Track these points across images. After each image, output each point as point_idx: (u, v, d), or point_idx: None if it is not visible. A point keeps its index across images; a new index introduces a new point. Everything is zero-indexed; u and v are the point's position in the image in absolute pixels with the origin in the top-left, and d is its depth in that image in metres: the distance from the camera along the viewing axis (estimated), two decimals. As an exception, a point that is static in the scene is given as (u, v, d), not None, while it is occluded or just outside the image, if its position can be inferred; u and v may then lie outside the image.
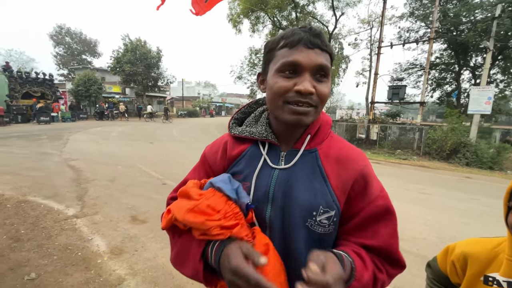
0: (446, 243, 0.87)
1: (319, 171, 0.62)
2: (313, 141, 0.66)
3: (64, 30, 41.19)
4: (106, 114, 22.22)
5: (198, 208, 0.54)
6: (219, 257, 0.53)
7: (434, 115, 42.42)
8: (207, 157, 0.74)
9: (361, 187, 0.62)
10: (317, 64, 0.57)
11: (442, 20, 14.43)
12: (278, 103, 0.59)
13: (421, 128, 10.79)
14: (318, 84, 0.58)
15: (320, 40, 0.58)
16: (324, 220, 0.60)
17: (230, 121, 0.76)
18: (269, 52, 0.63)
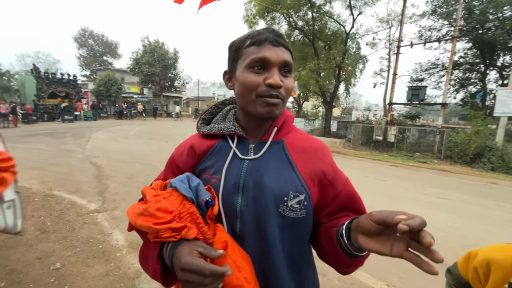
0: (467, 250, 0.84)
1: (287, 159, 0.67)
2: (279, 133, 0.70)
3: (87, 33, 43.08)
4: (125, 114, 23.01)
5: (147, 212, 0.54)
6: (171, 259, 0.54)
7: (456, 117, 40.56)
8: (174, 157, 0.76)
9: (332, 173, 0.69)
10: (283, 60, 0.62)
11: (467, 18, 13.79)
12: (250, 97, 0.63)
13: (443, 130, 10.36)
14: (284, 79, 0.63)
15: (282, 39, 0.64)
16: (295, 204, 0.63)
17: (198, 122, 0.79)
18: (236, 51, 0.66)
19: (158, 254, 0.58)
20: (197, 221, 0.57)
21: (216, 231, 0.60)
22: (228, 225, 0.65)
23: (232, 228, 0.65)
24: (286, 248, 0.64)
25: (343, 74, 15.04)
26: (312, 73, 13.33)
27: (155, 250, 0.58)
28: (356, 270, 0.67)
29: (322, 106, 19.78)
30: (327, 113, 15.47)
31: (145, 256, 0.62)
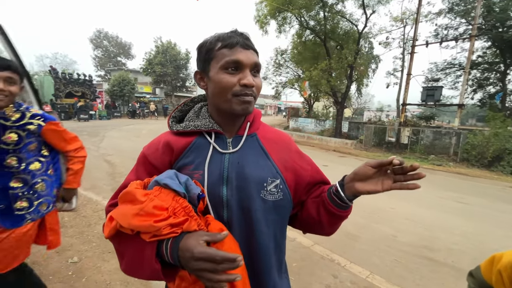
0: (486, 257, 0.82)
1: (262, 150, 0.75)
2: (251, 127, 0.77)
3: (102, 34, 44.28)
4: (138, 113, 23.50)
5: (144, 211, 0.53)
6: (176, 253, 0.54)
7: (474, 118, 39.24)
8: (147, 156, 0.74)
9: (299, 157, 0.81)
10: (254, 62, 0.69)
11: (486, 16, 13.30)
12: (227, 97, 0.68)
13: (459, 132, 10.03)
14: (255, 78, 0.70)
15: (250, 42, 0.70)
16: (273, 188, 0.71)
17: (168, 120, 0.81)
18: (207, 53, 0.70)
19: (156, 253, 0.57)
20: (190, 215, 0.58)
21: (208, 221, 0.63)
22: (215, 215, 0.69)
23: (219, 217, 0.69)
24: (272, 229, 0.72)
25: (355, 74, 14.80)
26: (323, 73, 13.19)
27: (152, 251, 0.56)
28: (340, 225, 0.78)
29: (333, 106, 19.55)
30: (338, 113, 15.27)
31: (138, 261, 0.59)
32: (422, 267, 2.65)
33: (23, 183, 1.33)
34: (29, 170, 1.35)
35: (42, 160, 1.41)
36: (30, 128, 1.33)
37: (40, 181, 1.39)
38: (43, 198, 1.41)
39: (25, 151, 1.33)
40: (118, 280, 2.15)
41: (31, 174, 1.35)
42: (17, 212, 1.32)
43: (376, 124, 12.86)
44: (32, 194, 1.36)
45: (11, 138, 1.27)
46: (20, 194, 1.32)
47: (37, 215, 1.39)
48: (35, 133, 1.35)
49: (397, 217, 3.96)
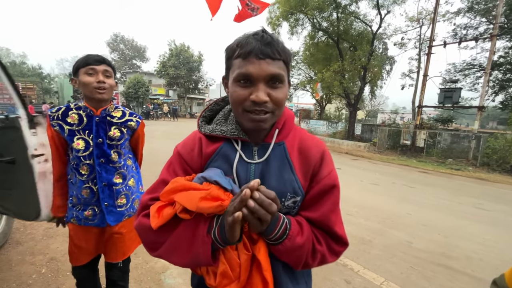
0: (508, 266, 0.78)
1: (287, 162, 0.70)
2: (280, 134, 0.72)
3: (119, 38, 45.73)
4: (152, 114, 24.04)
5: (210, 196, 0.59)
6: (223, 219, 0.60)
7: (495, 121, 37.61)
8: (182, 155, 0.74)
9: (316, 170, 0.71)
10: (268, 74, 0.61)
11: (508, 14, 12.75)
12: (238, 111, 0.65)
13: (479, 135, 9.63)
14: (273, 90, 0.62)
15: (270, 49, 0.61)
16: (290, 204, 0.69)
17: (198, 119, 0.79)
18: (228, 60, 0.68)
19: (207, 230, 0.62)
20: None
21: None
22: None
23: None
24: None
25: (368, 76, 14.53)
26: (336, 75, 13.03)
27: (204, 227, 0.63)
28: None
29: (345, 108, 19.26)
30: (351, 115, 15.02)
31: (184, 241, 0.64)
32: (439, 275, 2.55)
33: (123, 178, 1.39)
34: (126, 165, 1.42)
35: (131, 157, 1.49)
36: (131, 125, 1.39)
37: (131, 177, 1.46)
38: (135, 195, 1.47)
39: (124, 147, 1.40)
40: (131, 278, 2.18)
41: (127, 170, 1.42)
42: (118, 208, 1.38)
43: (391, 127, 12.55)
44: (128, 189, 1.42)
45: (115, 134, 1.34)
46: (121, 190, 1.38)
47: (132, 211, 1.45)
48: (133, 129, 1.41)
49: (413, 222, 3.84)
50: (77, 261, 1.43)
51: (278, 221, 0.62)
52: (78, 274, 1.48)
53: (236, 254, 0.63)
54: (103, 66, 1.26)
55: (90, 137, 1.29)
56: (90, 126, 1.29)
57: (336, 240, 0.71)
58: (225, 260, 0.63)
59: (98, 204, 1.34)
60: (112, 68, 1.32)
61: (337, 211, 0.72)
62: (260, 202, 0.54)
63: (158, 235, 0.66)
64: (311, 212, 0.70)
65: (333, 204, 0.71)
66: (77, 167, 1.31)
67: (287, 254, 0.64)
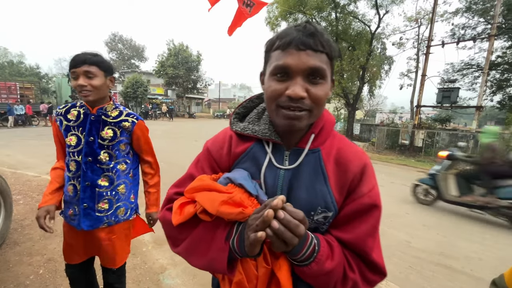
0: (507, 265, 0.78)
1: (321, 172, 0.63)
2: (316, 140, 0.65)
3: (117, 37, 45.63)
4: (150, 114, 23.99)
5: (232, 201, 0.56)
6: (244, 228, 0.56)
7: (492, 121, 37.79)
8: (211, 152, 0.72)
9: (354, 185, 0.62)
10: (308, 67, 0.55)
11: (506, 14, 12.82)
12: (271, 107, 0.60)
13: (477, 135, 9.66)
14: (313, 86, 0.56)
15: (313, 40, 0.55)
16: (320, 219, 0.62)
17: (231, 116, 0.75)
18: (266, 53, 0.63)
19: (226, 236, 0.59)
20: None
21: None
22: None
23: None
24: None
25: (367, 76, 14.57)
26: (334, 75, 13.04)
27: (223, 232, 0.59)
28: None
29: (344, 108, 19.30)
30: (350, 115, 15.06)
31: (203, 242, 0.61)
32: (438, 275, 2.55)
33: (109, 182, 1.32)
34: (117, 169, 1.34)
35: (128, 162, 1.41)
36: (125, 125, 1.33)
37: (122, 183, 1.37)
38: (122, 202, 1.38)
39: (116, 149, 1.33)
40: (130, 278, 2.17)
41: (117, 174, 1.34)
42: (97, 213, 1.31)
43: (389, 126, 12.58)
44: (113, 195, 1.34)
45: (107, 134, 1.29)
46: (104, 194, 1.31)
47: (114, 220, 1.36)
48: (128, 131, 1.34)
49: (412, 222, 3.84)
50: (70, 259, 1.43)
51: (305, 241, 0.55)
52: (70, 273, 1.46)
53: (254, 265, 0.59)
54: (84, 67, 1.19)
55: (83, 135, 1.28)
56: (85, 123, 1.28)
57: (372, 268, 0.61)
58: (242, 270, 0.59)
59: (78, 204, 1.30)
60: (98, 65, 1.23)
61: (376, 235, 0.63)
62: (286, 223, 0.48)
63: (178, 232, 0.65)
64: (344, 232, 0.61)
65: (371, 227, 0.61)
66: (67, 163, 1.32)
67: (313, 278, 0.57)
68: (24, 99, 16.42)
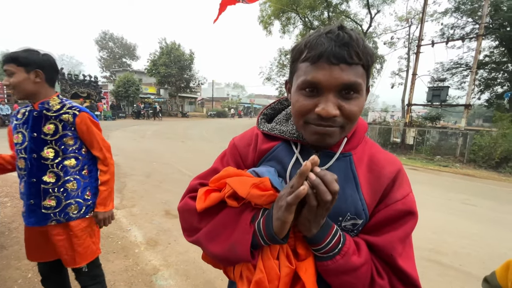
0: (494, 260, 0.80)
1: (352, 177, 0.60)
2: (348, 144, 0.62)
3: (108, 36, 44.82)
4: (142, 114, 23.67)
5: (263, 185, 0.56)
6: (272, 210, 0.54)
7: (480, 119, 38.75)
8: (237, 147, 0.71)
9: (387, 191, 0.59)
10: (342, 83, 0.50)
11: (493, 15, 13.11)
12: (299, 123, 0.57)
13: (466, 133, 9.89)
14: (346, 102, 0.52)
15: (347, 51, 0.49)
16: (349, 225, 0.58)
17: (259, 116, 0.74)
18: (293, 63, 0.59)
19: (251, 220, 0.58)
20: None
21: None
22: None
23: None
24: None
25: (359, 75, 14.71)
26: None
27: (249, 216, 0.58)
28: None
29: (337, 107, 19.44)
30: (343, 114, 15.18)
31: (230, 225, 0.60)
32: (428, 270, 2.60)
33: (56, 179, 1.30)
34: (63, 165, 1.31)
35: (80, 158, 1.37)
36: (65, 118, 1.29)
37: (72, 179, 1.33)
38: (73, 200, 1.34)
39: (61, 144, 1.30)
40: (122, 280, 2.15)
41: (64, 170, 1.31)
42: (44, 210, 1.29)
43: (381, 125, 12.75)
44: (61, 192, 1.31)
45: (49, 128, 1.27)
46: (50, 190, 1.29)
47: (63, 217, 1.32)
48: (69, 123, 1.30)
49: (402, 219, 3.90)
50: (31, 256, 1.42)
51: (330, 228, 0.53)
52: (41, 269, 1.47)
53: (277, 264, 0.56)
54: (5, 66, 1.19)
55: (27, 131, 1.28)
56: (28, 120, 1.28)
57: (402, 279, 0.56)
58: (264, 268, 0.56)
59: (26, 201, 1.31)
60: (15, 61, 1.19)
61: (408, 243, 0.59)
62: (322, 175, 0.47)
63: (200, 219, 0.64)
64: (372, 235, 0.58)
65: (404, 233, 0.57)
66: (17, 161, 1.32)
67: (337, 275, 0.53)
68: (11, 98, 15.98)
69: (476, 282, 2.43)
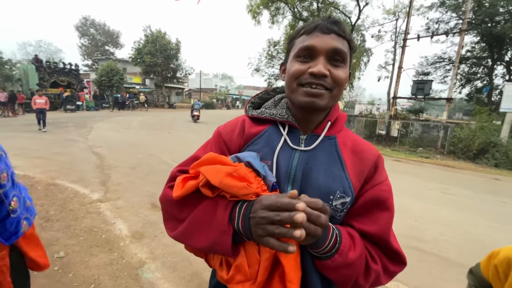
0: (470, 246, 0.83)
1: (338, 157, 0.64)
2: (332, 128, 0.67)
3: (89, 22, 42.64)
4: (127, 104, 22.94)
5: (237, 173, 0.53)
6: (249, 211, 0.51)
7: (461, 112, 40.28)
8: (222, 134, 0.72)
9: (371, 173, 0.64)
10: (332, 47, 0.58)
11: (476, 11, 13.48)
12: (292, 86, 0.62)
13: (447, 125, 10.26)
14: (334, 68, 0.59)
15: (337, 26, 0.59)
16: (339, 205, 0.61)
17: (246, 104, 0.77)
18: (290, 42, 0.66)
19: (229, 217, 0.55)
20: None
21: None
22: None
23: None
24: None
25: (347, 67, 14.84)
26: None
27: (226, 211, 0.55)
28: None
29: (325, 99, 19.60)
30: (330, 106, 15.34)
31: (206, 221, 0.56)
32: (410, 257, 2.68)
33: None
34: None
35: None
36: None
37: None
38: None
39: None
40: (106, 274, 2.10)
41: None
42: None
43: (367, 117, 12.99)
44: None
45: None
46: None
47: None
48: None
49: (386, 208, 4.03)
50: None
51: (328, 232, 0.54)
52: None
53: (257, 248, 0.55)
54: None
55: None
56: None
57: (393, 258, 0.63)
58: (244, 252, 0.56)
59: None
60: None
61: (392, 228, 0.65)
62: (308, 215, 0.46)
63: (179, 209, 0.61)
64: (366, 224, 0.61)
65: (391, 215, 0.63)
66: None
67: (335, 271, 0.56)
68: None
69: (454, 267, 2.56)
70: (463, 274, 0.90)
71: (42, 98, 9.40)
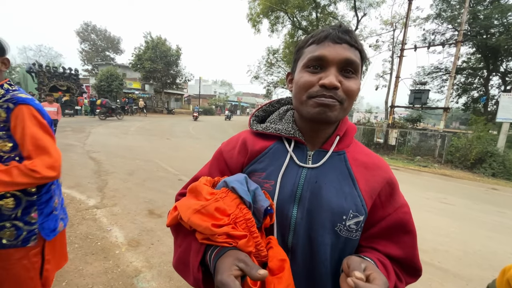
0: (470, 257, 0.84)
1: (348, 174, 0.60)
2: (341, 143, 0.64)
3: (90, 27, 43.02)
4: (126, 109, 22.92)
5: (205, 210, 0.50)
6: (214, 265, 0.48)
7: (457, 121, 40.65)
8: (223, 152, 0.70)
9: (387, 194, 0.61)
10: (344, 58, 0.55)
11: (471, 23, 13.77)
12: (302, 98, 0.58)
13: (444, 134, 10.33)
14: (345, 79, 0.56)
15: (349, 36, 0.56)
16: (352, 225, 0.58)
17: (250, 118, 0.73)
18: (298, 51, 0.63)
19: (201, 261, 0.53)
20: (251, 230, 0.51)
21: (271, 244, 0.54)
22: (280, 237, 0.59)
23: (284, 241, 0.59)
24: (333, 269, 0.58)
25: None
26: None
27: (197, 256, 0.53)
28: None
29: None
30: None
31: (185, 261, 0.56)
32: (409, 267, 2.68)
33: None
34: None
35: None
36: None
37: (10, 195, 1.09)
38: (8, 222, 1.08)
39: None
40: (101, 283, 2.06)
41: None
42: None
43: (365, 126, 13.07)
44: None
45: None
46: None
47: None
48: (4, 122, 1.03)
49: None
50: None
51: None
52: None
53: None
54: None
55: None
56: None
57: (412, 273, 0.63)
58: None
59: None
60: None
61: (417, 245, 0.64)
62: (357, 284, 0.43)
63: (174, 236, 0.62)
64: (392, 248, 0.60)
65: (414, 237, 0.62)
66: None
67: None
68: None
69: (453, 278, 2.54)
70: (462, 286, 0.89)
71: (53, 106, 7.10)
